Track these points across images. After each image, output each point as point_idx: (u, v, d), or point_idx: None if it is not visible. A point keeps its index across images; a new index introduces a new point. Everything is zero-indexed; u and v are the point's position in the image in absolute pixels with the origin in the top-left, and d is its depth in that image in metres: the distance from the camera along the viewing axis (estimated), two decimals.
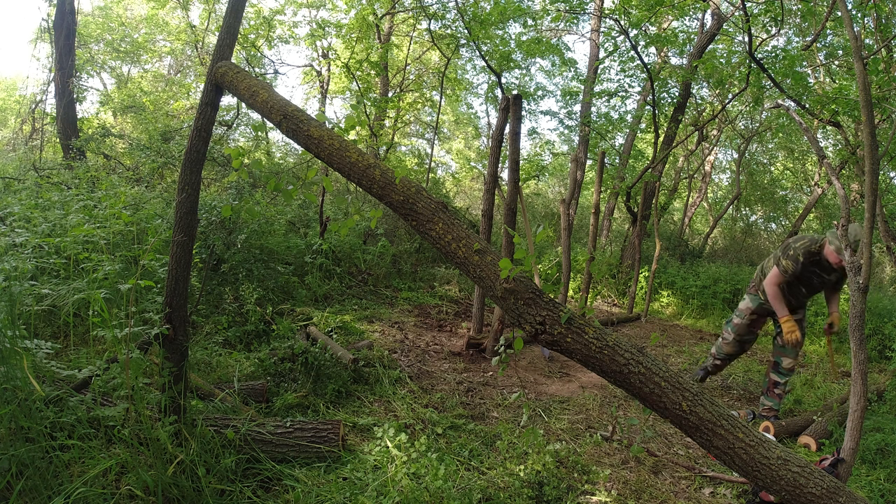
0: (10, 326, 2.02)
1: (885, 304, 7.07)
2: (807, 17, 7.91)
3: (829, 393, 4.67)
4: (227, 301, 4.34)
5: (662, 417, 1.20)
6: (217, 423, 2.37)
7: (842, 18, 3.39)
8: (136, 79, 14.32)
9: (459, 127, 20.01)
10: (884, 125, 6.36)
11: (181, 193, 2.22)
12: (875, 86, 5.02)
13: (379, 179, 1.58)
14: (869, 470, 3.11)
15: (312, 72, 12.76)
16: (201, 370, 3.33)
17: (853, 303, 2.39)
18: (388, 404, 3.36)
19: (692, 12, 9.17)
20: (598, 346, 1.24)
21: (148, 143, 7.58)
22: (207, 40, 10.51)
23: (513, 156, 4.70)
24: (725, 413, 1.17)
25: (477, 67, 13.79)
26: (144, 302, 2.93)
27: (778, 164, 15.10)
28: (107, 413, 2.07)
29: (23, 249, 3.28)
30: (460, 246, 1.44)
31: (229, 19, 2.30)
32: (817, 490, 1.08)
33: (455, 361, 4.51)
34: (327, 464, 2.48)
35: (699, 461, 3.12)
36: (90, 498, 1.87)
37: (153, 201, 5.17)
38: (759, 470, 1.11)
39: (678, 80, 9.29)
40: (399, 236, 7.92)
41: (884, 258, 11.34)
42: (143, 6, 13.39)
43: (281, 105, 1.84)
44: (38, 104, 8.50)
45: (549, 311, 1.29)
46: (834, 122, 6.38)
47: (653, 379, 1.19)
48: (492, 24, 8.88)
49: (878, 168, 2.46)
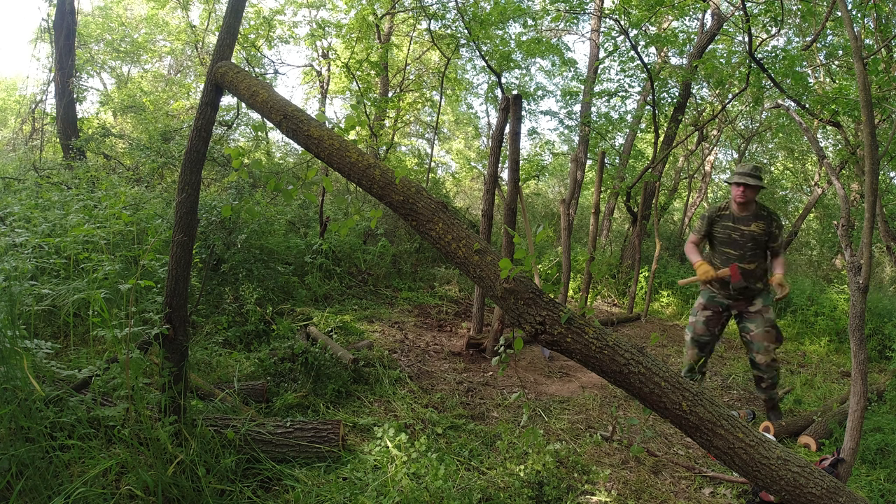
0: (10, 326, 2.02)
1: (885, 304, 7.08)
2: (807, 17, 7.90)
3: (829, 393, 4.67)
4: (227, 301, 4.34)
5: (662, 417, 1.20)
6: (217, 423, 2.37)
7: (842, 18, 3.39)
8: (136, 79, 14.32)
9: (459, 127, 20.01)
10: (884, 125, 6.36)
11: (181, 193, 2.22)
12: (875, 86, 5.02)
13: (379, 179, 1.58)
14: (869, 470, 3.11)
15: (312, 72, 12.76)
16: (201, 370, 3.33)
17: (853, 303, 2.39)
18: (388, 404, 3.36)
19: (692, 12, 9.16)
20: (598, 346, 1.24)
21: (148, 143, 7.58)
22: (207, 40, 10.51)
23: (513, 156, 4.70)
24: (725, 413, 1.17)
25: (477, 67, 13.80)
26: (144, 302, 2.93)
27: (778, 164, 15.10)
28: (107, 413, 2.07)
29: (23, 249, 3.28)
30: (460, 246, 1.44)
31: (229, 19, 2.30)
32: (817, 490, 1.08)
33: (455, 361, 4.51)
34: (327, 464, 2.48)
35: (699, 461, 3.12)
36: (90, 498, 1.87)
37: (153, 201, 5.17)
38: (759, 470, 1.11)
39: (678, 80, 9.29)
40: (399, 236, 7.92)
41: (884, 258, 11.34)
42: (143, 6, 13.39)
43: (281, 105, 1.84)
44: (38, 104, 8.50)
45: (549, 311, 1.29)
46: (834, 122, 6.38)
47: (653, 379, 1.19)
48: (492, 24, 8.88)
49: (878, 168, 2.46)
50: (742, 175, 3.44)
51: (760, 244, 3.53)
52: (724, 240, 3.60)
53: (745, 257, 3.54)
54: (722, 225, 3.59)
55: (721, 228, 3.60)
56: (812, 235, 13.77)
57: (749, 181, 3.41)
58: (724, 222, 3.59)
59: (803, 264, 13.22)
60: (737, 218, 3.54)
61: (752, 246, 3.53)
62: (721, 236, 3.61)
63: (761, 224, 3.50)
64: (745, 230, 3.52)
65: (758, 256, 3.55)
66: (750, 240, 3.51)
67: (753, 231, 3.51)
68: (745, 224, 3.51)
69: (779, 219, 3.55)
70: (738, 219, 3.54)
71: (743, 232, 3.52)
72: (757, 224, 3.51)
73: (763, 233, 3.51)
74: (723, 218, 3.60)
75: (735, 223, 3.54)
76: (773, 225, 3.50)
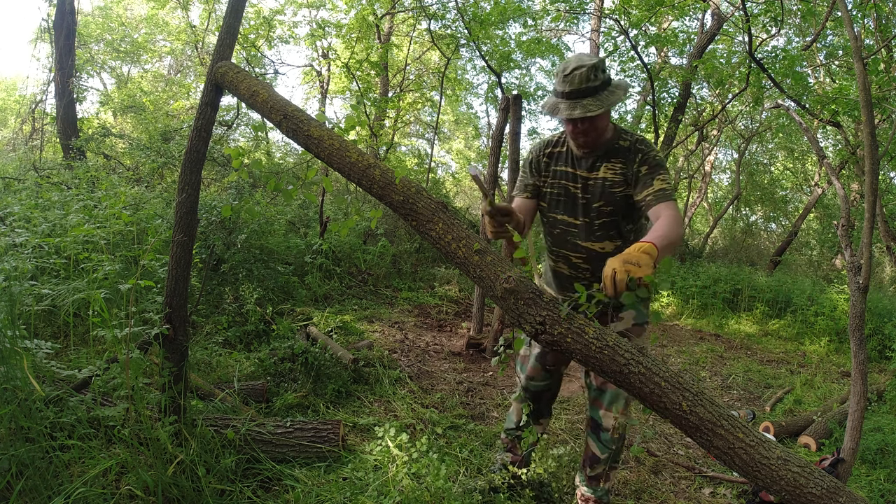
0: (10, 326, 2.02)
1: (885, 304, 7.07)
2: (807, 17, 7.90)
3: (829, 393, 4.67)
4: (227, 301, 4.34)
5: (662, 418, 1.20)
6: (217, 423, 2.37)
7: (842, 18, 3.39)
8: (136, 79, 14.32)
9: (459, 127, 20.01)
10: (884, 125, 6.36)
11: (181, 193, 2.21)
12: (875, 86, 5.02)
13: (379, 179, 1.58)
14: (869, 470, 3.11)
15: (312, 72, 12.76)
16: (201, 370, 3.33)
17: (853, 303, 2.39)
18: (388, 404, 3.36)
19: (692, 12, 9.17)
20: (599, 346, 1.24)
21: (148, 143, 7.58)
22: (207, 40, 10.51)
23: (513, 156, 4.70)
24: (726, 413, 1.17)
25: (477, 67, 13.81)
26: (144, 302, 2.93)
27: (778, 164, 15.11)
28: (107, 413, 2.07)
29: (23, 249, 3.27)
30: (460, 246, 1.44)
31: (229, 19, 2.30)
32: (817, 490, 1.08)
33: (455, 361, 4.51)
34: (327, 464, 2.49)
35: (699, 461, 3.12)
36: (90, 498, 1.87)
37: (153, 201, 5.17)
38: (759, 470, 1.11)
39: (678, 80, 9.29)
40: (399, 236, 7.92)
41: (884, 258, 11.34)
42: (143, 6, 13.39)
43: (281, 105, 1.84)
44: (38, 104, 8.50)
45: (550, 311, 1.29)
46: (834, 122, 6.38)
47: (653, 379, 1.19)
48: (492, 24, 8.88)
49: (878, 168, 2.46)
50: (571, 101, 1.84)
51: (617, 201, 2.01)
52: (558, 199, 2.12)
53: (591, 228, 2.07)
54: (559, 173, 2.10)
55: (556, 181, 2.11)
56: (812, 235, 13.77)
57: (589, 110, 1.81)
58: (559, 167, 2.10)
59: (803, 264, 13.23)
60: (577, 159, 2.05)
61: (599, 202, 2.03)
62: (553, 193, 2.13)
63: (615, 161, 1.99)
64: (594, 180, 2.03)
65: (611, 227, 2.05)
66: (599, 195, 2.02)
67: (604, 177, 2.01)
68: (590, 167, 2.03)
69: (647, 144, 1.98)
70: (578, 159, 2.05)
71: (589, 183, 2.04)
72: (609, 164, 2.00)
73: (617, 176, 1.99)
74: (555, 159, 2.11)
75: (574, 165, 2.06)
76: (638, 157, 1.95)
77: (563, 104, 1.85)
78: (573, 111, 1.82)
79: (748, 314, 7.83)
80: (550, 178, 2.12)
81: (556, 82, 1.89)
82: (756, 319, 7.65)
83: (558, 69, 1.88)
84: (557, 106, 1.87)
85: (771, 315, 7.77)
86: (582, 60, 1.83)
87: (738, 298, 8.14)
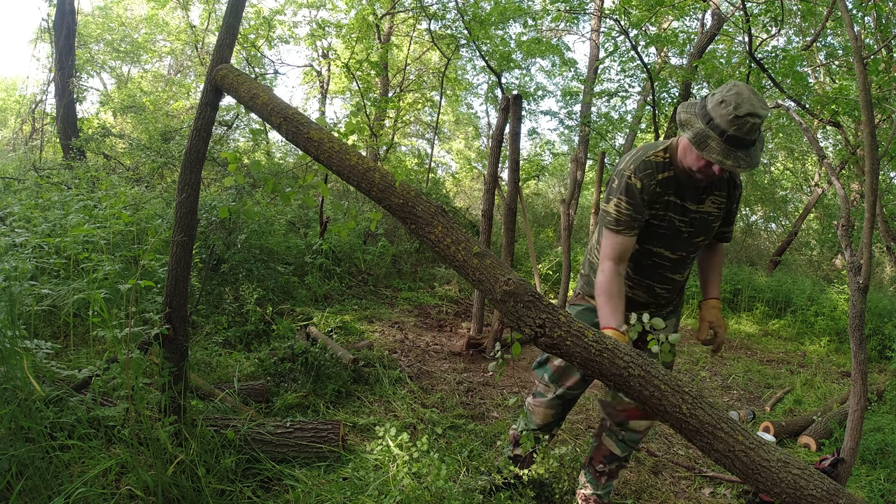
0: (10, 326, 2.02)
1: (885, 304, 7.07)
2: (807, 17, 7.90)
3: (829, 393, 4.67)
4: (227, 301, 4.34)
5: (662, 421, 1.20)
6: (217, 423, 2.37)
7: (842, 18, 3.39)
8: (136, 79, 14.32)
9: (459, 127, 20.01)
10: (884, 125, 6.35)
11: (181, 193, 2.21)
12: (875, 86, 5.02)
13: (378, 183, 1.58)
14: (869, 470, 3.11)
15: (312, 72, 12.77)
16: (201, 370, 3.33)
17: (853, 303, 2.39)
18: (389, 404, 3.36)
19: (692, 12, 9.16)
20: (598, 348, 1.24)
21: (148, 143, 7.58)
22: (207, 40, 10.52)
23: (513, 156, 4.70)
24: (725, 416, 1.17)
25: (477, 67, 13.80)
26: (144, 302, 2.93)
27: (778, 164, 15.10)
28: (107, 413, 2.07)
29: (23, 249, 3.28)
30: (459, 249, 1.44)
31: (229, 19, 2.30)
32: (817, 492, 1.08)
33: (455, 361, 4.51)
34: (328, 464, 2.49)
35: (699, 461, 3.12)
36: (90, 498, 1.87)
37: (153, 201, 5.18)
38: (759, 473, 1.11)
39: (678, 80, 9.29)
40: (399, 236, 7.92)
41: (884, 258, 11.34)
42: (143, 6, 13.38)
43: (281, 108, 1.84)
44: (38, 104, 8.51)
45: (549, 314, 1.29)
46: (834, 122, 6.38)
47: (652, 382, 1.19)
48: (492, 24, 8.88)
49: (878, 168, 2.46)
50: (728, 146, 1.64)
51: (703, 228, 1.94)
52: (659, 230, 1.92)
53: (680, 254, 1.96)
54: (663, 200, 1.87)
55: (659, 206, 1.88)
56: (812, 235, 13.77)
57: (740, 166, 1.66)
58: (667, 194, 1.87)
59: (803, 264, 13.23)
60: (688, 185, 1.87)
61: (693, 231, 1.93)
62: (654, 220, 1.91)
63: (720, 198, 1.92)
64: (694, 213, 1.90)
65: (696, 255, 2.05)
66: (699, 224, 1.92)
67: (709, 212, 1.92)
68: (696, 198, 1.89)
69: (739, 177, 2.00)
70: (689, 188, 1.87)
71: (693, 215, 1.91)
72: (711, 196, 1.90)
73: (722, 215, 1.96)
74: (665, 185, 1.86)
75: (682, 196, 1.88)
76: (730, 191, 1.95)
77: (718, 146, 1.64)
78: (726, 160, 1.64)
79: (748, 314, 7.84)
80: (660, 210, 1.88)
81: (717, 112, 1.64)
82: (756, 319, 7.65)
83: (728, 98, 1.63)
84: (709, 143, 1.65)
85: (771, 315, 7.77)
86: (757, 108, 1.61)
87: (738, 298, 8.14)
